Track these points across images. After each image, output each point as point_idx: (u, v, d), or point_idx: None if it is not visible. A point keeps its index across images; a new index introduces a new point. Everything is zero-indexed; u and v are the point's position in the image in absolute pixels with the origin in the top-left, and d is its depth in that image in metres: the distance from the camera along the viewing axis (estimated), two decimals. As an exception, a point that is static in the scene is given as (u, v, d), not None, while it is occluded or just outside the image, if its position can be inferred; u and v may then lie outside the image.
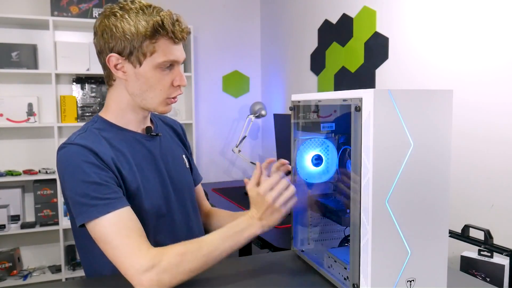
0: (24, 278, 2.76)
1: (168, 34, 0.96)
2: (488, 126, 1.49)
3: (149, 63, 0.98)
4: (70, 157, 0.95)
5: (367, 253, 0.74)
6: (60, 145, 0.99)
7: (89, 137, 1.00)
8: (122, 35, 0.96)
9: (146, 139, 1.10)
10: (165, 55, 0.97)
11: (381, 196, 0.73)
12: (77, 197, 0.93)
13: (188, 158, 1.24)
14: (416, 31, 1.80)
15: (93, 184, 0.92)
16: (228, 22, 3.34)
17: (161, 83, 1.00)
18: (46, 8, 2.81)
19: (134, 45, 0.96)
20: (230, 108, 3.39)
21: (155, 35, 0.96)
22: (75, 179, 0.93)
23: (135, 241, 0.89)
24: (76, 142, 0.97)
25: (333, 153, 1.00)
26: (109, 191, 0.93)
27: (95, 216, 0.91)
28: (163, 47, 0.97)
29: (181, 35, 0.99)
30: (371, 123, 0.71)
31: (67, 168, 0.95)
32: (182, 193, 1.15)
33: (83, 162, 0.94)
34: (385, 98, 0.72)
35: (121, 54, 0.98)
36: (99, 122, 1.06)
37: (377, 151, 0.72)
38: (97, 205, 0.91)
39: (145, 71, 0.99)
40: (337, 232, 1.07)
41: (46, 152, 2.93)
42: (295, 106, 1.01)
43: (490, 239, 1.23)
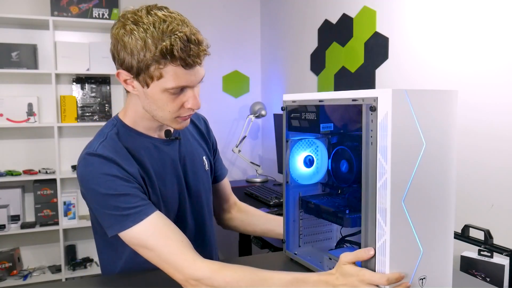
0: (24, 278, 2.76)
1: (177, 61, 0.89)
2: (488, 126, 1.49)
3: (156, 86, 0.92)
4: (93, 171, 0.94)
5: (384, 254, 0.74)
6: (82, 154, 0.97)
7: (111, 146, 0.97)
8: (130, 53, 0.91)
9: (164, 144, 1.07)
10: (173, 81, 0.91)
11: (398, 196, 0.74)
12: (105, 210, 0.93)
13: (209, 157, 1.22)
14: (416, 31, 1.80)
15: (121, 196, 0.92)
16: (228, 22, 3.34)
17: (170, 105, 0.95)
18: (46, 8, 2.81)
19: (141, 67, 0.91)
20: (230, 108, 3.38)
21: (163, 60, 0.88)
22: (101, 193, 0.93)
23: (178, 250, 0.90)
24: (98, 153, 0.94)
25: (324, 154, 1.00)
26: (137, 199, 0.93)
27: (128, 226, 0.91)
28: (171, 73, 0.90)
29: (193, 60, 0.91)
30: (389, 123, 0.72)
31: (90, 182, 0.94)
32: (198, 198, 1.14)
33: (106, 176, 0.93)
34: (401, 98, 0.73)
35: (130, 72, 0.94)
36: (118, 126, 1.04)
37: (394, 151, 0.72)
38: (129, 215, 0.91)
39: (153, 93, 0.93)
40: (328, 233, 1.07)
41: (46, 152, 2.92)
42: (288, 106, 1.00)
43: (490, 239, 1.23)
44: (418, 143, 0.75)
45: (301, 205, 1.02)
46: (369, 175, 0.76)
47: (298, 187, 1.02)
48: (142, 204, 0.93)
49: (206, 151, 1.22)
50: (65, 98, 2.84)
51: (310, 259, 0.98)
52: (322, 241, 1.07)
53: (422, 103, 0.75)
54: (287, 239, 1.04)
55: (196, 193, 1.14)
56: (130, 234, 0.92)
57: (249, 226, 1.30)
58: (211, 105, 3.33)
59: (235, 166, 3.42)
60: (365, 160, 0.76)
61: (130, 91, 0.99)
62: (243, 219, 1.30)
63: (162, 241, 0.91)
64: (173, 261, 0.89)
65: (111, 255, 1.08)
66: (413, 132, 0.75)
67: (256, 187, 2.66)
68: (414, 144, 0.75)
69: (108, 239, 1.01)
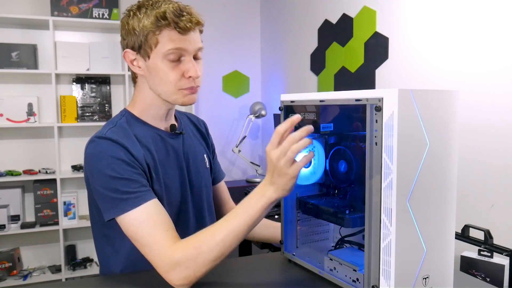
0: (24, 278, 2.76)
1: (171, 24, 0.96)
2: (488, 126, 1.49)
3: (156, 55, 0.99)
4: (101, 152, 0.97)
5: (389, 255, 0.74)
6: (91, 138, 1.01)
7: (120, 132, 1.02)
8: (132, 31, 1.00)
9: (170, 137, 1.11)
10: (168, 43, 0.97)
11: (403, 196, 0.74)
12: (107, 191, 0.95)
13: (209, 157, 1.25)
14: (416, 31, 1.80)
15: (123, 180, 0.94)
16: (228, 22, 3.34)
17: (171, 74, 1.00)
18: (46, 8, 2.81)
19: (141, 39, 0.99)
20: (230, 108, 3.38)
21: (158, 26, 0.97)
22: (105, 175, 0.95)
23: (160, 238, 0.91)
24: (107, 136, 0.98)
25: (321, 154, 1.00)
26: (138, 185, 0.95)
27: (126, 209, 0.93)
28: (166, 37, 0.97)
29: (187, 25, 0.97)
30: (395, 123, 0.72)
31: (96, 162, 0.97)
32: (199, 193, 1.16)
33: (113, 158, 0.95)
34: (407, 98, 0.73)
35: (134, 49, 1.02)
36: (126, 116, 1.08)
37: (400, 152, 0.72)
38: (127, 199, 0.93)
39: (154, 63, 1.00)
40: (325, 233, 1.07)
41: (46, 152, 2.92)
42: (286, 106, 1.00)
43: (490, 239, 1.23)
44: (422, 143, 0.76)
45: (298, 205, 1.02)
46: (374, 175, 0.76)
47: (296, 187, 1.01)
48: (142, 190, 0.95)
49: (206, 150, 1.25)
50: (65, 98, 2.84)
51: (309, 259, 0.98)
52: (319, 241, 1.07)
53: (426, 103, 0.75)
54: (285, 240, 1.03)
55: (197, 188, 1.15)
56: (126, 219, 0.93)
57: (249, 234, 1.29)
58: (211, 105, 3.33)
59: (235, 166, 3.42)
60: (369, 160, 0.76)
61: (136, 72, 1.05)
62: None
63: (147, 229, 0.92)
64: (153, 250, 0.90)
65: (108, 250, 1.08)
66: (417, 132, 0.75)
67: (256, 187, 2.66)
68: (418, 144, 0.75)
69: (106, 232, 1.02)
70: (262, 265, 1.04)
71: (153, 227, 0.92)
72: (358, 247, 0.95)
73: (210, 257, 0.88)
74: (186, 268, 0.87)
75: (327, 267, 0.91)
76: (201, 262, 0.87)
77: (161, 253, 0.89)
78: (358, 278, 0.83)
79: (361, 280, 0.82)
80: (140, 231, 0.92)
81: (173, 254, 0.88)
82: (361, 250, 0.92)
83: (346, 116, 0.94)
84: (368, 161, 0.77)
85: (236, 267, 1.05)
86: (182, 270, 0.87)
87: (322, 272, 0.92)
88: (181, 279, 0.88)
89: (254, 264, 1.06)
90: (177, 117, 1.20)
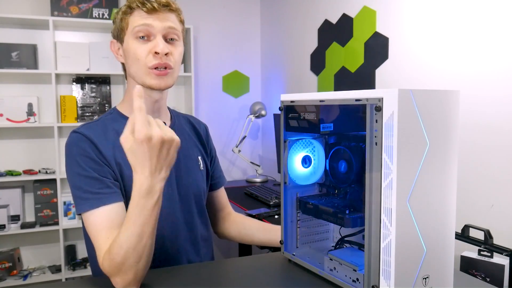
0: (24, 278, 2.76)
1: (139, 6, 1.01)
2: (488, 126, 1.49)
3: (128, 36, 1.04)
4: (71, 147, 1.00)
5: (389, 255, 0.74)
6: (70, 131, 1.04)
7: (97, 127, 1.03)
8: (114, 21, 1.09)
9: None
10: (136, 21, 1.02)
11: (403, 196, 0.74)
12: (73, 188, 0.97)
13: (205, 160, 1.23)
14: (416, 31, 1.80)
15: (87, 178, 0.95)
16: (228, 22, 3.34)
17: (138, 51, 1.02)
18: (46, 8, 2.81)
19: (118, 26, 1.07)
20: (230, 108, 3.38)
21: (129, 11, 1.03)
22: (73, 171, 0.97)
23: (101, 243, 0.89)
24: (80, 131, 1.01)
25: (321, 154, 1.00)
26: (102, 185, 0.95)
27: (85, 209, 0.93)
28: (135, 17, 1.02)
29: (153, 5, 1.01)
30: (395, 123, 0.72)
31: (67, 157, 1.00)
32: (187, 194, 1.14)
33: (80, 156, 0.97)
34: (407, 98, 0.73)
35: (115, 37, 1.09)
36: (113, 114, 1.10)
37: (400, 152, 0.72)
38: (88, 199, 0.93)
39: (127, 44, 1.05)
40: (324, 233, 1.07)
41: (46, 152, 2.93)
42: (286, 106, 1.00)
43: (490, 239, 1.23)
44: (422, 143, 0.76)
45: (298, 205, 1.02)
46: (373, 175, 0.76)
47: (296, 187, 1.02)
48: (104, 192, 0.94)
49: (203, 153, 1.23)
50: (65, 98, 2.84)
51: (309, 259, 0.98)
52: (319, 241, 1.07)
53: (426, 103, 0.75)
54: (285, 240, 1.03)
55: (186, 188, 1.14)
56: (84, 217, 0.94)
57: (246, 237, 1.29)
58: (211, 105, 3.33)
59: (235, 166, 3.42)
60: (369, 160, 0.76)
61: (120, 60, 1.10)
62: (240, 230, 1.29)
63: (95, 232, 0.91)
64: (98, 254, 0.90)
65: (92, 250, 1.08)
66: (417, 132, 0.75)
67: (256, 187, 2.66)
68: (418, 144, 0.75)
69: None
70: (262, 265, 1.04)
71: (100, 231, 0.91)
72: (358, 247, 0.95)
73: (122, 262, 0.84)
74: (116, 275, 0.85)
75: (327, 267, 0.91)
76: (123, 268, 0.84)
77: (99, 260, 0.89)
78: (358, 278, 0.83)
79: (361, 280, 0.82)
80: (92, 232, 0.92)
81: (102, 264, 0.88)
82: (361, 250, 0.92)
83: (346, 116, 0.94)
84: (368, 161, 0.77)
85: (236, 267, 1.05)
86: (115, 278, 0.85)
87: (322, 272, 0.92)
88: (122, 284, 0.86)
89: (254, 264, 1.06)
90: (172, 116, 1.19)
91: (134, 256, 0.84)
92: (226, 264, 1.07)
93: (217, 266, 1.05)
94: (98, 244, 0.91)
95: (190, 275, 0.97)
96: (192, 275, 0.97)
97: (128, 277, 0.85)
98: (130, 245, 0.83)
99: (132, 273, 0.85)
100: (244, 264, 1.07)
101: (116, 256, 0.84)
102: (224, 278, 0.97)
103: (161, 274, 0.96)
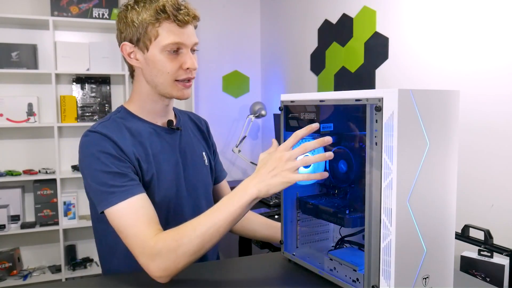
0: (24, 278, 2.76)
1: (170, 17, 0.99)
2: (488, 126, 1.49)
3: (155, 47, 1.02)
4: (90, 146, 1.00)
5: (389, 255, 0.74)
6: (84, 132, 1.04)
7: (111, 126, 1.04)
8: (131, 24, 1.02)
9: (165, 132, 1.13)
10: (169, 37, 1.00)
11: (403, 196, 0.74)
12: (97, 185, 0.97)
13: (208, 155, 1.25)
14: (416, 31, 1.80)
15: (110, 174, 0.96)
16: (228, 22, 3.34)
17: (168, 66, 1.02)
18: (46, 8, 2.81)
19: (140, 32, 1.02)
20: (230, 108, 3.38)
21: (157, 19, 0.99)
22: (94, 169, 0.97)
23: (142, 229, 0.92)
24: (98, 130, 1.01)
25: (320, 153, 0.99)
26: (126, 179, 0.97)
27: (114, 202, 0.94)
28: (166, 30, 1.00)
29: (185, 18, 1.00)
30: (395, 123, 0.72)
31: (86, 157, 1.00)
32: (195, 189, 1.16)
33: (101, 153, 0.98)
34: (407, 98, 0.73)
35: (132, 42, 1.04)
36: (122, 112, 1.11)
37: (400, 152, 0.72)
38: (115, 193, 0.95)
39: (153, 55, 1.02)
40: (325, 233, 1.07)
41: (46, 152, 2.92)
42: (286, 106, 1.00)
43: (490, 239, 1.23)
44: (422, 143, 0.76)
45: (298, 205, 1.02)
46: (373, 175, 0.76)
47: (296, 187, 1.01)
48: (129, 184, 0.96)
49: (206, 149, 1.25)
50: (65, 98, 2.84)
51: (309, 259, 0.98)
52: (319, 241, 1.07)
53: (426, 103, 0.75)
54: (285, 240, 1.03)
55: (193, 183, 1.15)
56: (112, 211, 0.94)
57: (250, 232, 1.31)
58: (211, 105, 3.33)
59: (235, 166, 3.42)
60: (369, 160, 0.76)
61: (133, 64, 1.07)
62: (243, 224, 1.30)
63: (130, 221, 0.93)
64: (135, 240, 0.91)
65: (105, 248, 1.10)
66: (417, 132, 0.75)
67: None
68: (418, 144, 0.75)
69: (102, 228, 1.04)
70: (262, 265, 1.04)
71: (136, 219, 0.93)
72: (358, 247, 0.95)
73: (190, 249, 0.88)
74: (166, 259, 0.88)
75: (327, 267, 0.91)
76: (181, 254, 0.88)
77: (143, 243, 0.90)
78: (358, 278, 0.83)
79: (361, 280, 0.82)
80: (124, 222, 0.93)
81: (154, 245, 0.89)
82: (361, 250, 0.92)
83: (346, 116, 0.94)
84: (368, 161, 0.77)
85: (236, 267, 1.05)
86: (162, 261, 0.88)
87: (322, 272, 0.92)
88: (161, 270, 0.88)
89: (254, 264, 1.06)
90: (176, 114, 1.21)
91: (195, 244, 0.87)
92: (226, 264, 1.07)
93: (217, 266, 1.04)
94: (136, 231, 0.91)
95: (190, 275, 0.97)
96: (192, 275, 0.97)
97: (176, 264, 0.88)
98: (205, 233, 0.87)
99: (184, 261, 0.88)
100: (244, 264, 1.07)
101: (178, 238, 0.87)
102: (224, 278, 0.97)
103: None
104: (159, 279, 0.89)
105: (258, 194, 0.87)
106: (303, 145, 0.84)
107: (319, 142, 0.83)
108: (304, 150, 0.83)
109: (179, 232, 0.89)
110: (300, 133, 0.86)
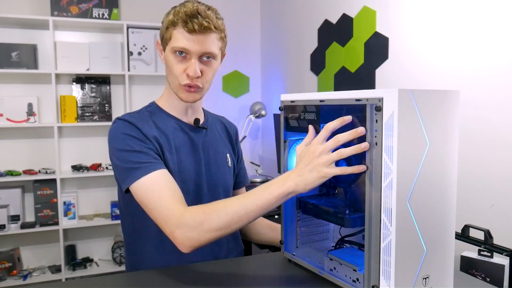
0: (24, 278, 2.76)
1: (182, 23, 1.05)
2: (488, 126, 1.49)
3: (168, 48, 1.09)
4: (116, 130, 1.08)
5: (389, 255, 0.74)
6: (113, 120, 1.13)
7: (138, 116, 1.13)
8: (162, 24, 1.13)
9: (190, 129, 1.18)
10: (177, 41, 1.06)
11: (403, 196, 0.74)
12: (121, 163, 1.04)
13: (232, 159, 1.29)
14: (416, 31, 1.80)
15: (135, 152, 1.03)
16: (228, 22, 3.33)
17: (175, 68, 1.09)
18: (46, 8, 2.81)
19: (163, 32, 1.12)
20: (230, 108, 3.38)
21: (174, 23, 1.06)
22: (120, 149, 1.05)
23: (169, 200, 0.95)
24: (124, 118, 1.10)
25: None
26: (149, 157, 1.03)
27: (138, 177, 0.99)
28: (177, 35, 1.06)
29: (194, 27, 1.03)
30: (395, 123, 0.72)
31: (113, 139, 1.07)
32: (216, 187, 1.20)
33: (126, 135, 1.06)
34: (407, 98, 0.73)
35: (161, 40, 1.14)
36: (152, 107, 1.19)
37: (400, 152, 0.72)
38: (139, 168, 1.00)
39: (167, 55, 1.11)
40: (324, 233, 1.07)
41: (46, 152, 2.92)
42: (286, 106, 1.00)
43: (490, 239, 1.23)
44: (422, 143, 0.76)
45: (298, 205, 1.02)
46: (373, 175, 0.76)
47: None
48: (152, 161, 1.02)
49: (231, 152, 1.29)
50: (65, 98, 2.84)
51: (309, 259, 0.98)
52: (319, 241, 1.07)
53: (426, 103, 0.75)
54: (285, 240, 1.03)
55: (215, 181, 1.19)
56: (138, 185, 0.99)
57: (254, 235, 1.34)
58: (211, 105, 3.32)
59: (235, 166, 3.42)
60: (369, 161, 0.76)
61: (161, 60, 1.17)
62: (249, 227, 1.32)
63: (156, 193, 0.97)
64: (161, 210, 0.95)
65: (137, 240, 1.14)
66: (417, 132, 0.75)
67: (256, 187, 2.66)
68: (418, 144, 0.75)
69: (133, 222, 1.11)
70: (262, 265, 1.04)
71: (162, 191, 0.97)
72: (358, 247, 0.95)
73: (216, 225, 0.89)
74: (192, 229, 0.90)
75: (327, 267, 0.91)
76: (207, 227, 0.89)
77: (169, 213, 0.93)
78: (358, 278, 0.83)
79: (361, 280, 0.82)
80: (150, 194, 0.97)
81: (182, 214, 0.92)
82: (361, 250, 0.92)
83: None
84: (368, 161, 0.77)
85: (236, 267, 1.05)
86: (188, 230, 0.90)
87: (322, 272, 0.92)
88: (185, 239, 0.90)
89: (254, 264, 1.06)
90: (205, 115, 1.27)
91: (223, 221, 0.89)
92: (226, 264, 1.07)
93: (217, 266, 1.04)
94: (162, 203, 0.95)
95: (190, 275, 0.97)
96: (192, 275, 0.97)
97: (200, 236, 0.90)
98: (235, 213, 0.89)
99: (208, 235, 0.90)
100: (244, 264, 1.07)
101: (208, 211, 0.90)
102: (224, 278, 0.97)
103: (161, 274, 0.96)
104: (182, 247, 0.92)
105: (295, 188, 0.85)
106: (336, 137, 0.81)
107: (352, 134, 0.79)
108: (337, 143, 0.81)
109: (209, 207, 0.92)
110: (331, 126, 0.82)
